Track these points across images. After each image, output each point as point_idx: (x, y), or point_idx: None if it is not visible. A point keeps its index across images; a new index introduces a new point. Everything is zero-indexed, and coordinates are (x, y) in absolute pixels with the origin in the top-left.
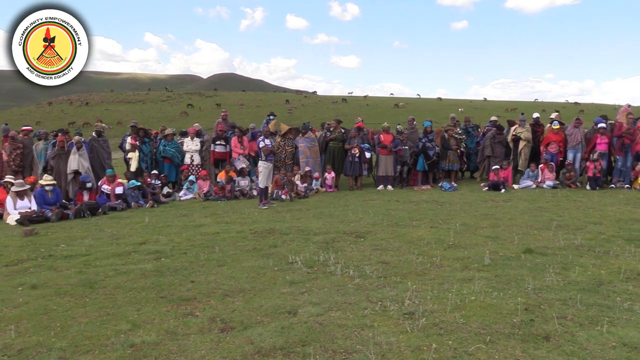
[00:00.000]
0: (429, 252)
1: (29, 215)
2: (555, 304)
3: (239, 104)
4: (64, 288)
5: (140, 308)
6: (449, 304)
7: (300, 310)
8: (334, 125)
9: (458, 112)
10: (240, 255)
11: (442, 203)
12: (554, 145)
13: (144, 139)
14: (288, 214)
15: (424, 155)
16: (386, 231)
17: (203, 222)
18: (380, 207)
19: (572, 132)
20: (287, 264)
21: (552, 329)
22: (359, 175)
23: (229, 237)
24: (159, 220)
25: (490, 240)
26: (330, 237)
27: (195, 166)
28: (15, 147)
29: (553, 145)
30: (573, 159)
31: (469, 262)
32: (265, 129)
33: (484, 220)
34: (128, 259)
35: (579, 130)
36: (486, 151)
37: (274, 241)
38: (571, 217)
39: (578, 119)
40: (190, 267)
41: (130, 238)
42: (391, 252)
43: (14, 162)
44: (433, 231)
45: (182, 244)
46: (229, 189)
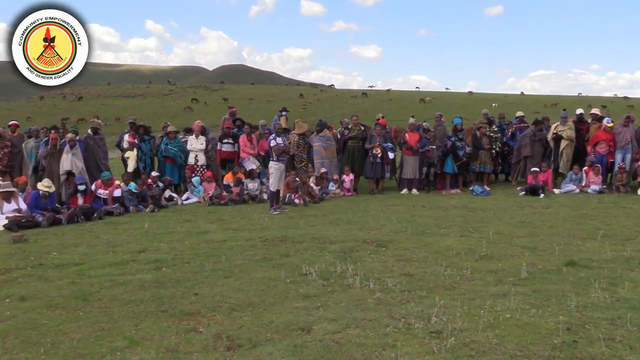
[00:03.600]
0: (458, 264)
1: (17, 221)
2: (602, 323)
3: (248, 99)
4: (55, 300)
5: (139, 323)
6: (481, 322)
7: (314, 327)
8: (354, 123)
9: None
10: (248, 265)
11: (473, 209)
12: (604, 145)
13: (144, 137)
14: (302, 220)
15: (452, 156)
16: (410, 240)
17: (208, 229)
18: (404, 213)
19: (620, 131)
20: (300, 276)
21: (598, 351)
22: (381, 178)
23: (237, 246)
24: (159, 226)
25: (528, 251)
26: (348, 246)
27: (200, 167)
28: (3, 146)
29: (602, 145)
30: (622, 160)
31: (503, 275)
32: (277, 126)
33: (521, 228)
34: (125, 268)
35: (628, 129)
36: (524, 151)
37: (286, 250)
38: (620, 226)
39: (628, 116)
40: (194, 278)
41: (128, 245)
42: (416, 264)
43: (1, 162)
44: (463, 240)
45: (185, 253)
46: (237, 192)
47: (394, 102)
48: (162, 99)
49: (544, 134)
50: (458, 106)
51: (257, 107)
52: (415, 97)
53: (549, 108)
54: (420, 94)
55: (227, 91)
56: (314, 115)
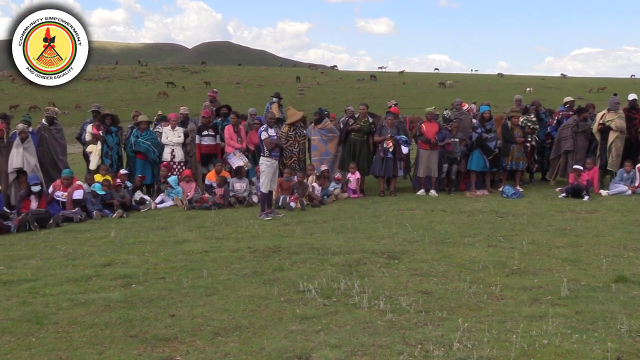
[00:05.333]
0: (485, 280)
1: None
2: None
3: (235, 83)
4: (3, 324)
5: (104, 350)
6: (513, 349)
7: (314, 354)
8: (361, 113)
9: (525, 93)
10: (235, 281)
11: (503, 214)
12: None
13: (110, 128)
14: (299, 227)
15: (482, 149)
16: (428, 251)
17: (187, 238)
18: (421, 219)
19: None
20: (297, 293)
21: None
22: (393, 177)
23: (221, 258)
24: (128, 235)
25: (569, 264)
26: (354, 258)
27: (178, 164)
28: None
29: None
30: None
31: (539, 293)
32: (269, 115)
33: (561, 237)
34: (88, 285)
35: None
36: (564, 145)
37: (280, 263)
38: None
39: None
40: (170, 297)
41: (91, 258)
42: (435, 279)
43: None
44: (491, 251)
45: (160, 266)
46: (221, 193)
47: (408, 86)
48: (131, 83)
49: (588, 125)
50: (485, 91)
51: (245, 92)
52: (435, 80)
53: (595, 93)
54: (441, 77)
55: (210, 73)
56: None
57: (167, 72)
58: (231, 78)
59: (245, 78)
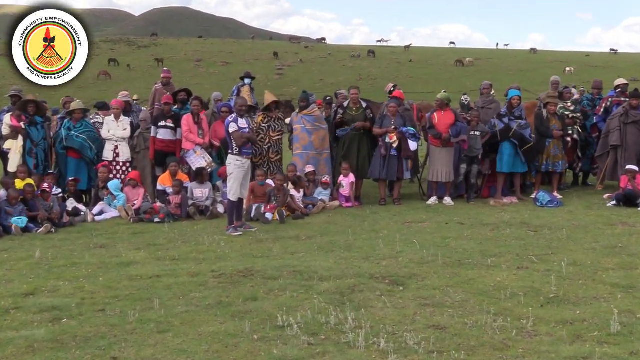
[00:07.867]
0: (514, 311)
1: None
2: None
3: (195, 60)
4: None
5: None
6: None
7: None
8: (352, 99)
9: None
10: (195, 314)
11: (537, 228)
12: None
13: (35, 119)
14: (277, 244)
15: (518, 141)
16: (442, 275)
17: (133, 259)
18: (433, 234)
19: None
20: (274, 330)
21: None
22: (397, 180)
23: (177, 284)
24: (58, 255)
25: (621, 291)
26: (347, 284)
27: (122, 164)
28: None
29: None
30: None
31: (583, 328)
32: (240, 102)
33: (610, 257)
34: (4, 321)
35: None
36: (612, 139)
37: (253, 291)
38: None
39: None
40: (112, 335)
41: (9, 285)
42: (450, 310)
43: None
44: (522, 275)
45: (98, 296)
46: (178, 202)
47: (416, 65)
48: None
49: None
50: (514, 71)
51: (207, 72)
52: (451, 57)
53: None
54: (458, 53)
55: (163, 48)
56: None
57: (109, 46)
58: (190, 54)
59: (208, 54)
